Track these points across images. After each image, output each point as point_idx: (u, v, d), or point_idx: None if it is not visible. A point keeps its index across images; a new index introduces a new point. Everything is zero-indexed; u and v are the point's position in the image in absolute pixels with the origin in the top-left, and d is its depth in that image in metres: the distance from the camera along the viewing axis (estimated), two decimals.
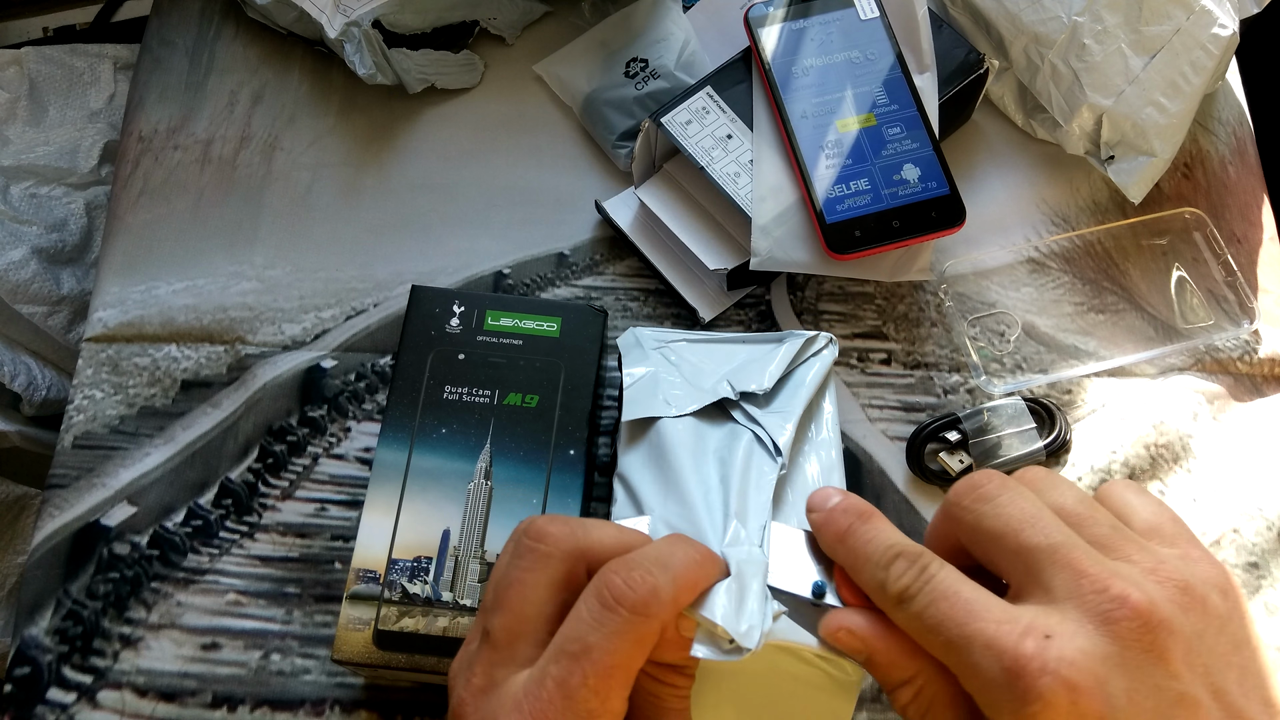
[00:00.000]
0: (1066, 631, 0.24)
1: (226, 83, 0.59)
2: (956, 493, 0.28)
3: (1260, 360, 0.51)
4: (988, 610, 0.25)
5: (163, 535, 0.48)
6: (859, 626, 0.29)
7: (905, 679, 0.28)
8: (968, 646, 0.25)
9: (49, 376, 0.62)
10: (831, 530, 0.30)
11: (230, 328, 0.52)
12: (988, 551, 0.27)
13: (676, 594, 0.27)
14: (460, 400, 0.43)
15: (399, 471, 0.42)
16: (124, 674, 0.45)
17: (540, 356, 0.44)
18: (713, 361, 0.42)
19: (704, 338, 0.43)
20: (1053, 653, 0.23)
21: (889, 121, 0.49)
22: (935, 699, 0.27)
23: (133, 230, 0.55)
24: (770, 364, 0.40)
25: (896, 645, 0.28)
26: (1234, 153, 0.56)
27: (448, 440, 0.42)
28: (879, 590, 0.28)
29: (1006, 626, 0.24)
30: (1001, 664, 0.24)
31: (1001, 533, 0.27)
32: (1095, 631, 0.24)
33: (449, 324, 0.45)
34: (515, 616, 0.27)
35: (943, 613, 0.26)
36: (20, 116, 0.67)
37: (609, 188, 0.55)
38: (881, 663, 0.28)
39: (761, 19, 0.51)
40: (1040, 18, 0.52)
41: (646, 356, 0.42)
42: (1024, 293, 0.53)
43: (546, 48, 0.59)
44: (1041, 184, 0.55)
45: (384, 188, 0.56)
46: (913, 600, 0.26)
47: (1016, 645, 0.24)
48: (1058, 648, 0.24)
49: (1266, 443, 0.50)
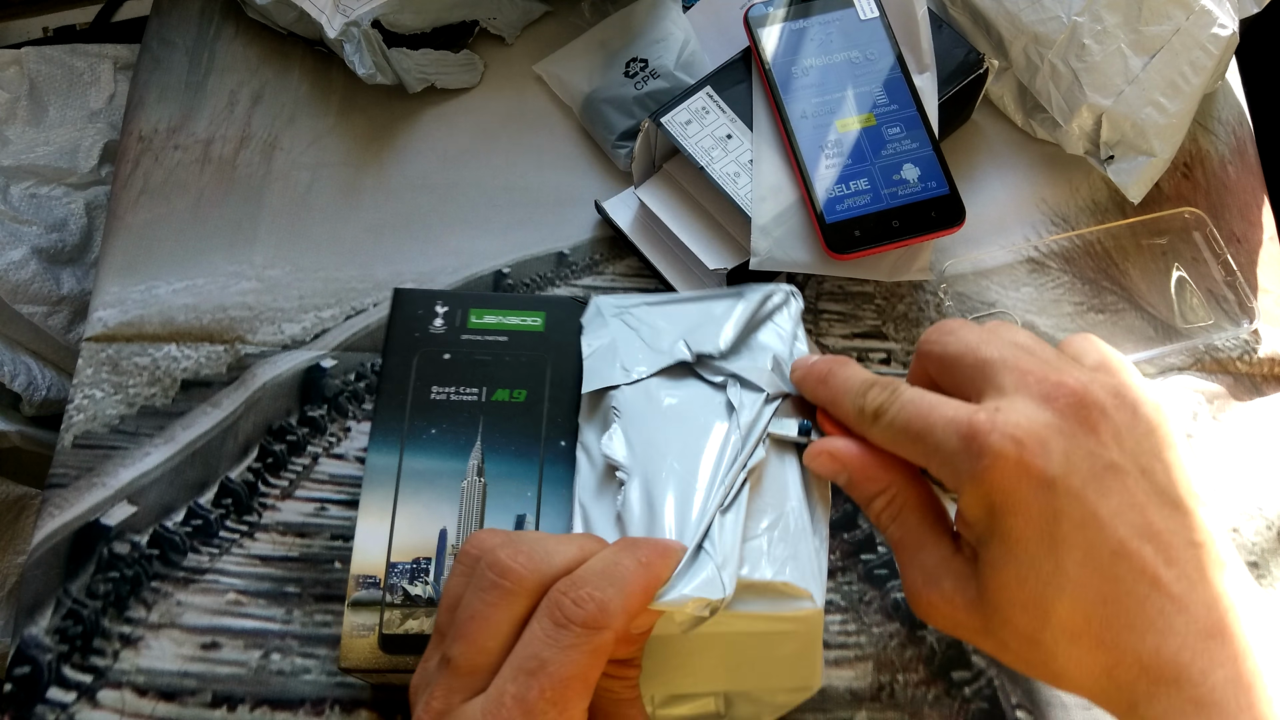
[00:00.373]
0: (1015, 408, 0.28)
1: (226, 82, 0.59)
2: (926, 333, 0.32)
3: (1260, 360, 0.51)
4: (946, 403, 0.29)
5: (163, 535, 0.48)
6: (837, 448, 0.33)
7: (879, 490, 0.32)
8: (930, 430, 0.29)
9: (49, 376, 0.63)
10: (814, 376, 0.35)
11: (230, 327, 0.52)
12: (952, 375, 0.31)
13: (626, 604, 0.28)
14: (448, 400, 0.43)
15: (391, 475, 0.42)
16: (124, 673, 0.45)
17: (526, 351, 0.44)
18: (670, 322, 0.42)
19: (663, 299, 0.43)
20: (1000, 418, 0.28)
21: (889, 121, 0.49)
22: (904, 504, 0.31)
23: (133, 230, 0.55)
24: (727, 322, 0.40)
25: (871, 461, 0.32)
26: (1234, 152, 0.56)
27: (438, 440, 0.42)
28: (857, 415, 0.32)
29: (962, 410, 0.29)
30: (959, 433, 0.28)
31: (961, 353, 0.31)
32: (1037, 406, 0.28)
33: (433, 324, 0.45)
34: (477, 649, 0.28)
35: (909, 413, 0.30)
36: (20, 116, 0.67)
37: (609, 187, 0.55)
38: (858, 479, 0.32)
39: (761, 19, 0.51)
40: (1040, 17, 0.52)
41: (606, 324, 0.42)
42: (1024, 292, 0.53)
43: (546, 47, 0.59)
44: (1041, 184, 0.55)
45: (384, 187, 0.56)
46: (885, 413, 0.31)
47: (970, 417, 0.28)
48: (1004, 415, 0.28)
49: (1266, 442, 0.50)
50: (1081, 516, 0.27)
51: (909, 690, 0.44)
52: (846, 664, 0.45)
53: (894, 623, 0.46)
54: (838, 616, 0.46)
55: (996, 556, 0.28)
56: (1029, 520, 0.27)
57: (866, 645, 0.45)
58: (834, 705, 0.44)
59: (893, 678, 0.44)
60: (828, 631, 0.45)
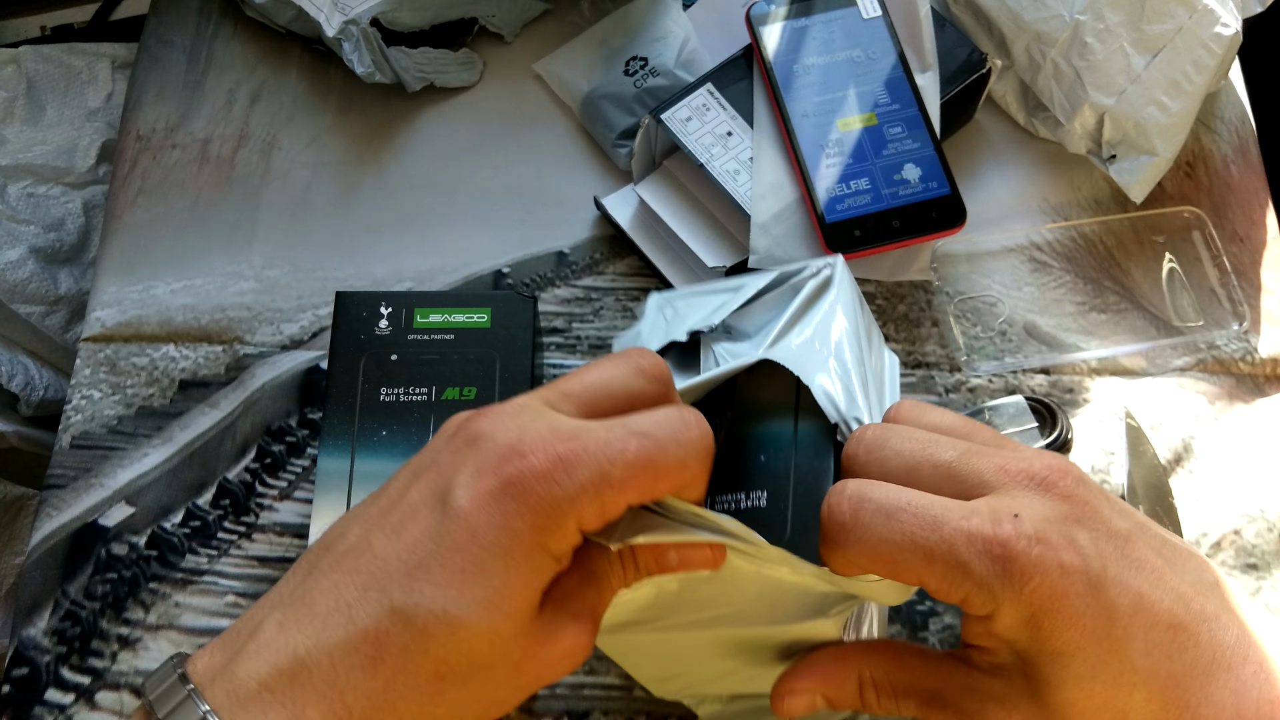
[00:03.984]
0: (1026, 506, 0.26)
1: (224, 81, 0.59)
2: (850, 455, 0.29)
3: (1262, 360, 0.51)
4: (947, 510, 0.26)
5: (161, 536, 0.47)
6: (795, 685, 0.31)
7: (857, 682, 0.30)
8: (951, 549, 0.25)
9: (46, 376, 0.62)
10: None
11: (228, 328, 0.52)
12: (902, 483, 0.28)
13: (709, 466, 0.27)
14: (398, 401, 0.43)
15: (344, 479, 0.42)
16: (122, 675, 0.45)
17: (473, 348, 0.44)
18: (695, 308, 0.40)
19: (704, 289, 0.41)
20: (1028, 528, 0.25)
21: (890, 121, 0.49)
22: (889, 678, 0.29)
23: (130, 230, 0.55)
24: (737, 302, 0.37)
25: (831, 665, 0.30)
26: (1236, 152, 0.56)
27: (389, 442, 0.42)
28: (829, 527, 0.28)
29: (976, 520, 0.26)
30: (990, 554, 0.25)
31: (912, 465, 0.28)
32: (1045, 500, 0.26)
33: (378, 326, 0.45)
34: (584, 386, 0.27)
35: (907, 527, 0.26)
36: (18, 115, 0.66)
37: (608, 186, 0.55)
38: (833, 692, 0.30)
39: (763, 17, 0.51)
40: (1042, 16, 0.52)
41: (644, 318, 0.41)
42: (1026, 291, 0.53)
43: (546, 46, 0.59)
44: (1043, 183, 0.55)
45: (382, 187, 0.56)
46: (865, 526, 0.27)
47: (995, 533, 0.25)
48: (1029, 522, 0.25)
49: (1268, 444, 0.49)
50: (1130, 603, 0.26)
51: None
52: None
53: (894, 624, 0.46)
54: None
55: (1053, 674, 0.26)
56: (1084, 629, 0.25)
57: None
58: None
59: None
60: None
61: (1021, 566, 0.25)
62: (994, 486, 0.27)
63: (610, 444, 0.25)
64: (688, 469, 0.26)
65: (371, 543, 0.25)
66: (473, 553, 0.24)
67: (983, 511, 0.26)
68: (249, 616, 0.26)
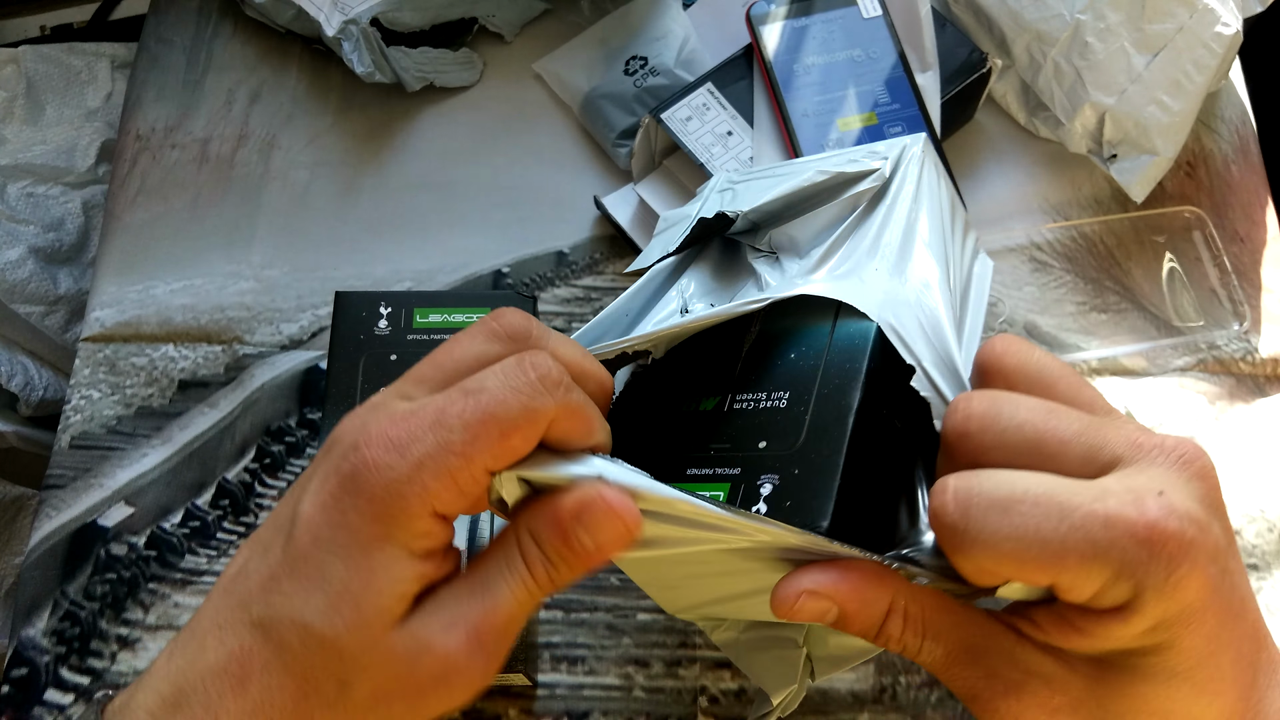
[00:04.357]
0: (1170, 485, 0.22)
1: (224, 81, 0.59)
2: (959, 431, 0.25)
3: (1263, 361, 0.51)
4: (1075, 493, 0.22)
5: (160, 536, 0.47)
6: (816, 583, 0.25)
7: (884, 610, 0.25)
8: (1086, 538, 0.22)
9: (46, 376, 0.62)
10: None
11: (228, 327, 0.52)
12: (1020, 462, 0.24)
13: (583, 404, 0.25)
14: None
15: None
16: (121, 675, 0.44)
17: None
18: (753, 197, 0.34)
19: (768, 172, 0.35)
20: (1179, 508, 0.22)
21: (890, 120, 0.49)
22: (925, 615, 0.25)
23: (130, 229, 0.55)
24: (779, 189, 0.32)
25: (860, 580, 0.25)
26: (1237, 152, 0.56)
27: None
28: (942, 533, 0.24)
29: (1113, 501, 0.22)
30: (1136, 536, 0.22)
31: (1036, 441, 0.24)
32: (1185, 478, 0.23)
33: (378, 326, 0.44)
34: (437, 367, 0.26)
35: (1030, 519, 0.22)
36: (17, 115, 0.66)
37: (608, 186, 0.55)
38: (854, 608, 0.25)
39: (763, 16, 0.51)
40: (1043, 15, 0.52)
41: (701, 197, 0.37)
42: (1026, 291, 0.53)
43: (546, 46, 0.59)
44: (1044, 182, 0.55)
45: (382, 186, 0.56)
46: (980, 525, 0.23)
47: (1141, 514, 0.22)
48: (1178, 502, 0.22)
49: (1268, 444, 0.49)
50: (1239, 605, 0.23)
51: (911, 692, 0.44)
52: None
53: None
54: None
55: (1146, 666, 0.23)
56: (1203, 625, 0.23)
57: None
58: (836, 707, 0.44)
59: (895, 679, 0.44)
60: None
61: (1172, 551, 0.22)
62: (1128, 461, 0.23)
63: (444, 410, 0.24)
64: (538, 414, 0.24)
65: (247, 565, 0.25)
66: (315, 557, 0.24)
67: (1118, 491, 0.22)
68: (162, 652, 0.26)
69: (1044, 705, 0.24)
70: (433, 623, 0.24)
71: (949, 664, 0.25)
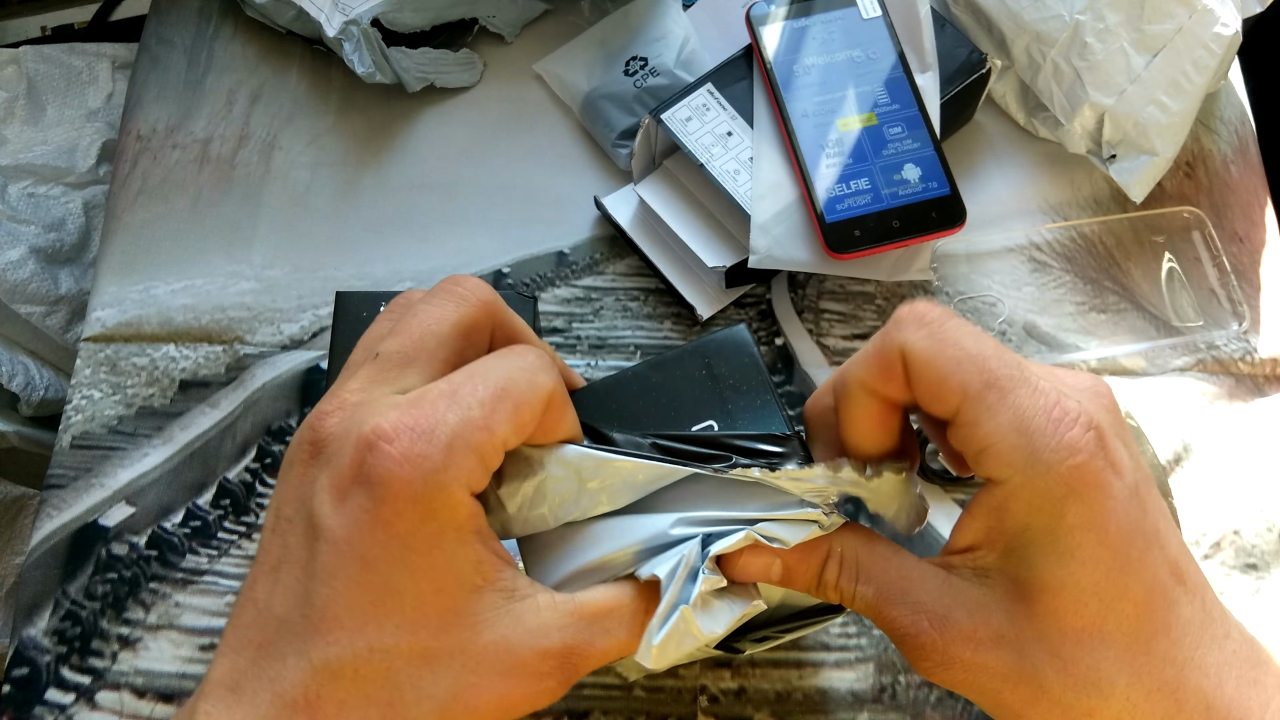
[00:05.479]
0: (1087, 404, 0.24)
1: (225, 82, 0.59)
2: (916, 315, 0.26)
3: (1262, 361, 0.51)
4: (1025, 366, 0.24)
5: (161, 536, 0.47)
6: None
7: (823, 557, 0.27)
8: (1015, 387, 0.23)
9: (47, 376, 0.62)
10: None
11: (229, 328, 0.52)
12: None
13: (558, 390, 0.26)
14: None
15: None
16: (122, 675, 0.45)
17: None
18: None
19: None
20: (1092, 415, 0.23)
21: (890, 121, 0.49)
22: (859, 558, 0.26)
23: (131, 230, 0.55)
24: None
25: None
26: (1236, 152, 0.56)
27: None
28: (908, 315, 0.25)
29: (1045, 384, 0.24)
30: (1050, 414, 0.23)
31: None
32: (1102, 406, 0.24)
33: None
34: (413, 342, 0.25)
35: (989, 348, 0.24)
36: (18, 116, 0.66)
37: (608, 187, 0.55)
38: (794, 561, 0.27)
39: (763, 17, 0.51)
40: (1042, 16, 0.52)
41: None
42: (1025, 292, 0.53)
43: (546, 46, 0.59)
44: (1043, 183, 0.55)
45: (383, 187, 0.56)
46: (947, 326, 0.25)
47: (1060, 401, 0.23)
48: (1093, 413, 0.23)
49: (1267, 444, 0.49)
50: (1152, 532, 0.23)
51: (911, 691, 0.44)
52: (848, 665, 0.44)
53: None
54: (839, 619, 0.45)
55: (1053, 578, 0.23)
56: (1106, 536, 0.23)
57: (868, 647, 0.45)
58: (836, 707, 0.44)
59: (894, 679, 0.44)
60: (829, 634, 0.45)
61: (1073, 439, 0.23)
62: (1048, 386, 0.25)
63: (456, 390, 0.23)
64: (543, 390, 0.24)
65: (271, 605, 0.23)
66: (372, 580, 0.22)
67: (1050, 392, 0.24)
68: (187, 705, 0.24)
69: (968, 638, 0.24)
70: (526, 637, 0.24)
71: (880, 604, 0.26)
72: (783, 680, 0.44)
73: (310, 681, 0.22)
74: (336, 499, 0.22)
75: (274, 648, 0.22)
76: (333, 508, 0.22)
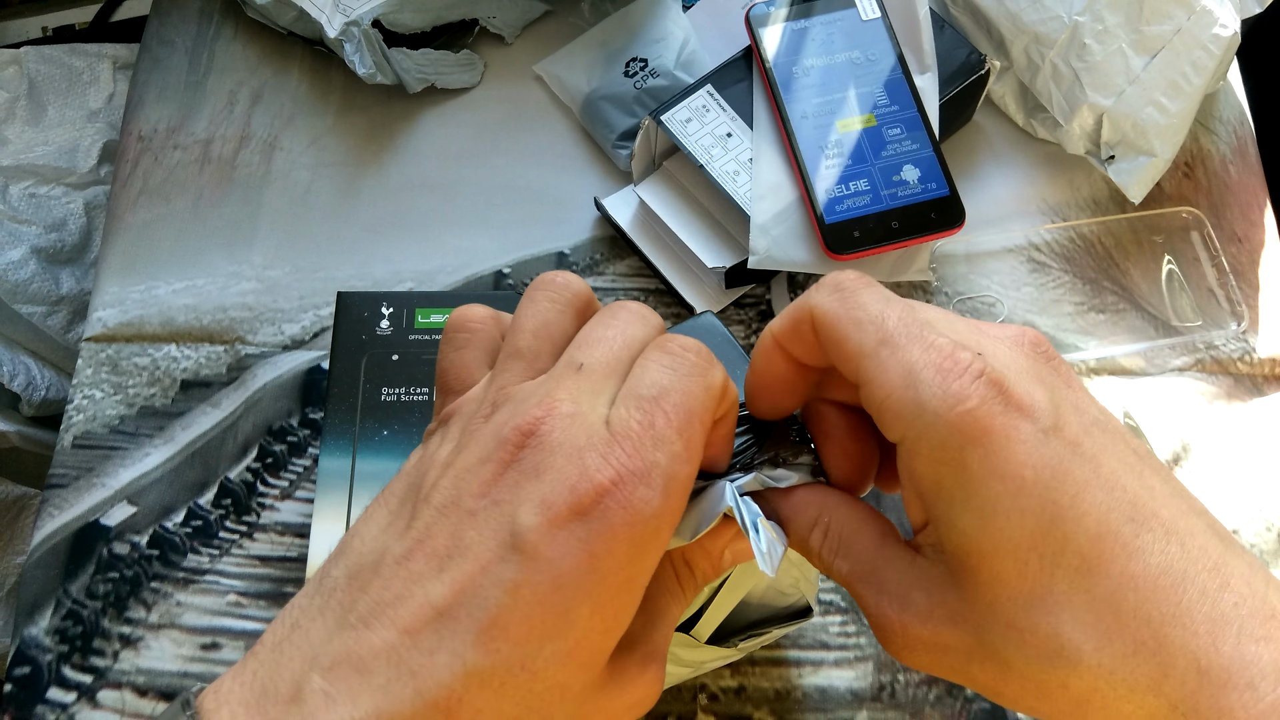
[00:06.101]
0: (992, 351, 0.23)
1: (226, 82, 0.59)
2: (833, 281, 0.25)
3: (1260, 361, 0.51)
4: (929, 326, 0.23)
5: (162, 535, 0.47)
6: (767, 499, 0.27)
7: (812, 521, 0.26)
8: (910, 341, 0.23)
9: (48, 376, 0.62)
10: None
11: (230, 328, 0.52)
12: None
13: None
14: (399, 400, 0.43)
15: (345, 478, 0.42)
16: (124, 674, 0.45)
17: None
18: None
19: None
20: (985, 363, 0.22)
21: (889, 122, 0.49)
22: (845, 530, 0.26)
23: (132, 230, 0.55)
24: None
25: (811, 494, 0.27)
26: (1235, 153, 0.56)
27: (390, 442, 0.43)
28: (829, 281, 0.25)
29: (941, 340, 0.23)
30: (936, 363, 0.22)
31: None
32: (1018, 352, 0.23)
33: (379, 326, 0.45)
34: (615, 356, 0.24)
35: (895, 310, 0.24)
36: (19, 116, 0.66)
37: (609, 187, 0.55)
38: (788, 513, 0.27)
39: (763, 18, 0.51)
40: (1041, 17, 0.52)
41: None
42: (1024, 292, 0.53)
43: (546, 47, 0.59)
44: (1042, 183, 0.55)
45: (383, 187, 0.56)
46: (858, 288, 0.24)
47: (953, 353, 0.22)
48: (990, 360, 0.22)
49: (1266, 444, 0.50)
50: (1088, 475, 0.21)
51: (910, 690, 0.44)
52: (847, 664, 0.45)
53: None
54: (837, 618, 0.46)
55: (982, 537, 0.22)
56: (1021, 482, 0.21)
57: (867, 646, 0.45)
58: (835, 705, 0.44)
59: (893, 678, 0.44)
60: (828, 633, 0.45)
61: (960, 387, 0.22)
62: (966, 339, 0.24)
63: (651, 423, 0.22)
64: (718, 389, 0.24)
65: (430, 594, 0.21)
66: (556, 602, 0.21)
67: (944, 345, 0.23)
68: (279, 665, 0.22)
69: (926, 617, 0.23)
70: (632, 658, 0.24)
71: (852, 581, 0.25)
72: (782, 678, 0.44)
73: (457, 684, 0.21)
74: (552, 524, 0.21)
75: (424, 638, 0.21)
76: (547, 533, 0.21)
